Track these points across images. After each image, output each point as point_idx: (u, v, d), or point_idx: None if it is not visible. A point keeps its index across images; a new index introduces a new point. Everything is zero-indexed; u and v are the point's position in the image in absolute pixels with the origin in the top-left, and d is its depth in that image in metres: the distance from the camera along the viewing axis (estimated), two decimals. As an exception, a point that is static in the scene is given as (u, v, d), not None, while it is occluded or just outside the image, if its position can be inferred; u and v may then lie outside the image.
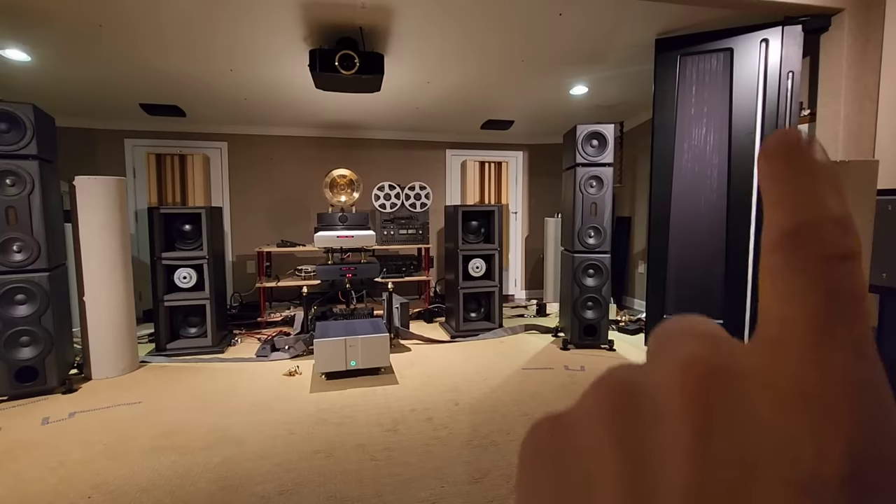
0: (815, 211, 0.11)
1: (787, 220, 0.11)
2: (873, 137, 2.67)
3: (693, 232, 3.23)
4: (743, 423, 0.11)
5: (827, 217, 0.11)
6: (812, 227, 0.11)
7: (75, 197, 3.06)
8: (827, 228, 0.11)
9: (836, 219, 0.11)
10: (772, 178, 0.12)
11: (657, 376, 0.13)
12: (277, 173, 5.25)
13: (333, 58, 3.01)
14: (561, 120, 4.99)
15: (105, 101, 4.22)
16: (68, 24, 2.85)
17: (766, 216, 0.12)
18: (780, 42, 2.88)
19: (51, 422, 2.50)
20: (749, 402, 0.11)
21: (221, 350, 3.70)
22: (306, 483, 1.92)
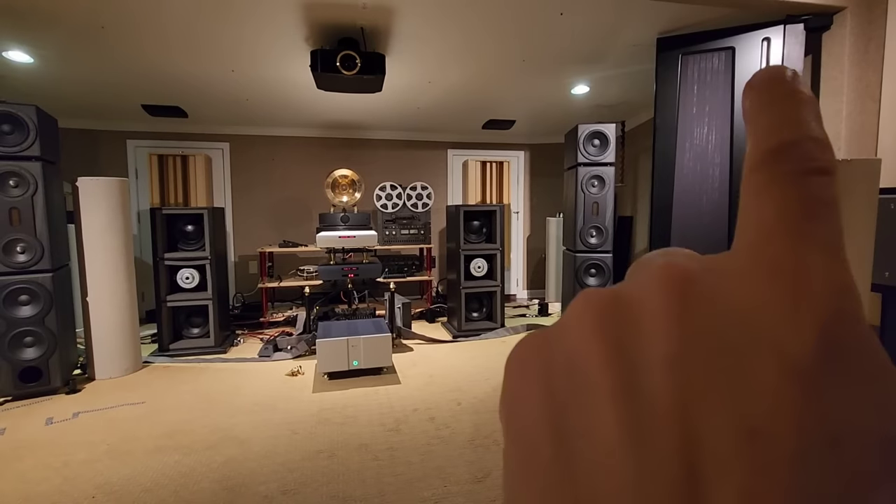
0: (797, 131, 0.12)
1: (771, 139, 0.12)
2: (875, 136, 2.67)
3: (695, 231, 3.22)
4: (720, 312, 0.12)
5: (808, 136, 0.12)
6: (794, 144, 0.12)
7: (78, 198, 3.07)
8: (808, 146, 0.12)
9: (816, 138, 0.12)
10: (757, 105, 0.13)
11: (636, 284, 0.13)
12: (279, 173, 5.26)
13: (335, 58, 3.02)
14: (562, 120, 4.99)
15: (107, 102, 4.24)
16: (71, 25, 2.86)
17: (749, 142, 0.13)
18: (781, 41, 2.87)
19: (55, 422, 2.51)
20: (726, 293, 0.12)
21: (224, 350, 3.70)
22: (309, 483, 1.93)
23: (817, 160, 0.12)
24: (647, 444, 0.11)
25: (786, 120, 0.12)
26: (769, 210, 0.12)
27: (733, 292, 0.12)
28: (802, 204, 0.12)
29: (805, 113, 0.13)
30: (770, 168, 0.12)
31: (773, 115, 0.13)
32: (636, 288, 0.13)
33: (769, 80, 0.13)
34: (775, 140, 0.12)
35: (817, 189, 0.12)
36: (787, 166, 0.12)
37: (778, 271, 0.11)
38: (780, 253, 0.12)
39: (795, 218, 0.12)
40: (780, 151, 0.12)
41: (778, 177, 0.12)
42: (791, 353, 0.11)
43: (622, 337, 0.13)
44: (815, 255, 0.11)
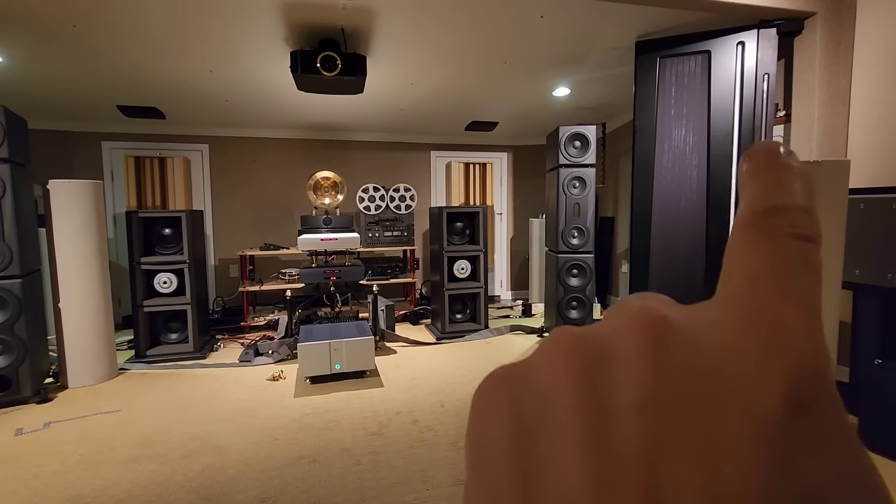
0: (788, 198, 0.13)
1: (764, 202, 0.13)
2: (845, 138, 2.74)
3: (674, 231, 3.27)
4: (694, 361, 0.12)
5: (797, 205, 0.13)
6: (784, 209, 0.13)
7: (49, 201, 2.98)
8: (796, 213, 0.13)
9: (805, 208, 0.13)
10: (752, 171, 0.14)
11: (611, 326, 0.13)
12: (260, 176, 5.19)
13: (315, 59, 2.99)
14: (544, 121, 5.02)
15: (81, 103, 4.13)
16: (41, 23, 2.78)
17: (741, 202, 0.14)
18: (755, 45, 2.94)
19: (24, 432, 2.43)
20: (701, 342, 0.12)
21: (203, 356, 3.64)
22: (290, 489, 1.90)
23: (804, 227, 0.12)
24: (611, 495, 0.11)
25: (779, 187, 0.13)
26: (754, 264, 0.12)
27: (708, 341, 0.12)
28: (787, 263, 0.12)
29: (797, 184, 0.13)
30: (760, 227, 0.13)
31: (767, 182, 0.13)
32: (611, 330, 0.13)
33: (767, 151, 0.14)
34: (767, 203, 0.13)
35: (801, 252, 0.12)
36: (776, 228, 0.12)
37: (754, 324, 0.12)
38: (759, 306, 0.12)
39: (778, 275, 0.12)
40: (771, 214, 0.13)
41: (767, 235, 0.12)
42: (761, 411, 0.11)
43: (593, 380, 0.12)
44: (793, 312, 0.12)
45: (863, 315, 2.44)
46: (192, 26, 2.88)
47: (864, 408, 2.13)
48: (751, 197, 0.13)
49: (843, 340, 2.33)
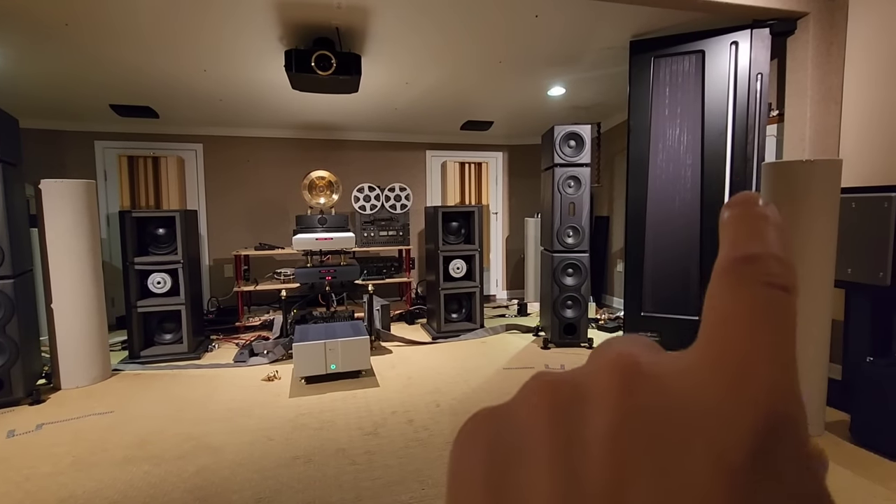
0: (765, 248, 0.13)
1: (740, 250, 0.13)
2: (838, 137, 2.76)
3: (669, 230, 3.29)
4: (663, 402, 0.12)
5: (773, 255, 0.13)
6: (760, 258, 0.13)
7: (41, 201, 2.96)
8: (771, 262, 0.13)
9: (779, 257, 0.13)
10: (731, 221, 0.14)
11: (589, 370, 0.14)
12: (255, 175, 5.17)
13: (310, 58, 2.98)
14: (539, 121, 5.03)
15: (73, 102, 4.10)
16: (32, 22, 2.76)
17: (720, 251, 0.14)
18: (748, 45, 2.95)
19: (17, 434, 2.41)
20: (672, 385, 0.13)
21: (198, 356, 3.62)
22: (285, 490, 1.89)
23: (780, 276, 0.13)
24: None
25: (754, 236, 0.13)
26: (727, 311, 0.13)
27: (679, 385, 0.12)
28: (759, 310, 0.12)
29: (773, 234, 0.14)
30: (735, 275, 0.13)
31: (743, 231, 0.14)
32: (587, 373, 0.14)
33: (745, 202, 0.15)
34: (744, 251, 0.13)
35: (775, 300, 0.12)
36: (751, 276, 0.13)
37: (722, 367, 0.12)
38: (727, 350, 0.12)
39: (750, 321, 0.12)
40: (746, 262, 0.13)
41: (741, 283, 0.13)
42: (724, 453, 0.11)
43: (566, 416, 0.13)
44: (761, 357, 0.12)
45: (855, 313, 2.46)
46: (185, 25, 2.86)
47: (856, 405, 2.15)
48: (728, 245, 0.14)
49: (835, 338, 2.35)
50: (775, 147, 3.16)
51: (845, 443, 2.15)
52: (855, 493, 1.78)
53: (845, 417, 2.31)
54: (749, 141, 3.00)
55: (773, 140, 3.18)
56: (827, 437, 2.20)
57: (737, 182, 3.05)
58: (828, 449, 2.09)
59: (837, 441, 2.17)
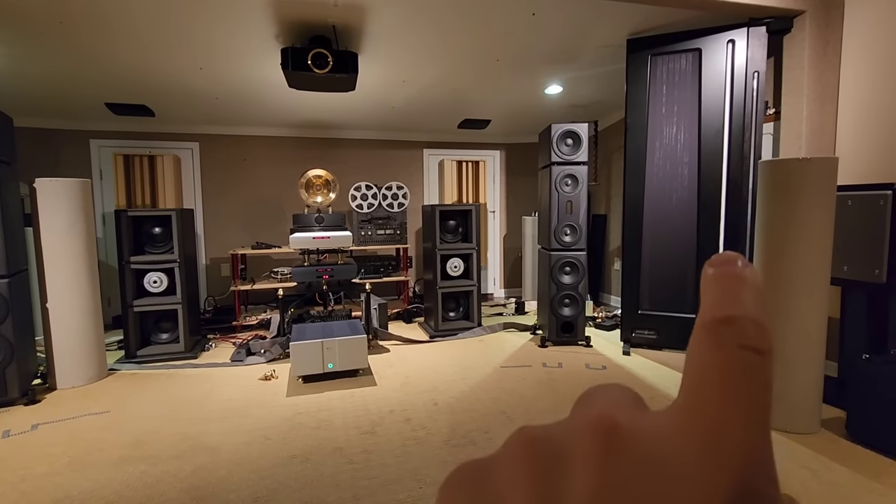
0: (741, 310, 0.14)
1: (719, 311, 0.14)
2: (834, 135, 2.77)
3: (666, 228, 3.29)
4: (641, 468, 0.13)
5: (749, 317, 0.14)
6: (736, 320, 0.13)
7: (36, 200, 2.94)
8: (746, 325, 0.13)
9: (756, 321, 0.14)
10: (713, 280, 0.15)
11: (571, 428, 0.15)
12: (252, 174, 5.15)
13: (306, 56, 2.97)
14: (537, 119, 5.03)
15: (68, 100, 4.07)
16: (26, 20, 2.74)
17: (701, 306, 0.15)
18: (745, 43, 2.95)
19: (12, 434, 2.40)
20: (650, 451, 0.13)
21: (195, 355, 3.61)
22: (282, 489, 1.89)
23: (753, 339, 0.13)
24: None
25: (732, 298, 0.14)
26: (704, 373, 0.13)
27: (657, 449, 0.13)
28: (734, 374, 0.13)
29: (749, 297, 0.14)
30: (714, 336, 0.13)
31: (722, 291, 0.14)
32: (569, 429, 0.15)
33: (725, 261, 0.15)
34: (722, 312, 0.14)
35: (750, 365, 0.13)
36: (727, 338, 0.13)
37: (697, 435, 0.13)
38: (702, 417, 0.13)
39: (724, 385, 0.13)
40: (723, 323, 0.13)
41: (719, 343, 0.13)
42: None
43: (546, 478, 0.14)
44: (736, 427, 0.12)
45: (851, 311, 2.47)
46: (181, 22, 2.85)
47: (852, 402, 2.15)
48: (708, 304, 0.14)
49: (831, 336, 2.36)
50: (772, 145, 3.17)
51: (841, 440, 2.16)
52: (851, 490, 1.79)
53: (841, 414, 2.32)
54: (746, 139, 3.00)
55: (769, 138, 3.18)
56: (823, 434, 2.21)
57: (733, 180, 3.06)
58: (824, 446, 2.10)
59: (833, 438, 2.17)
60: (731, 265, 0.15)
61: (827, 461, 1.98)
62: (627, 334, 3.51)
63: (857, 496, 1.76)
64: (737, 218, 3.07)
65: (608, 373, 3.12)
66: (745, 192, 3.03)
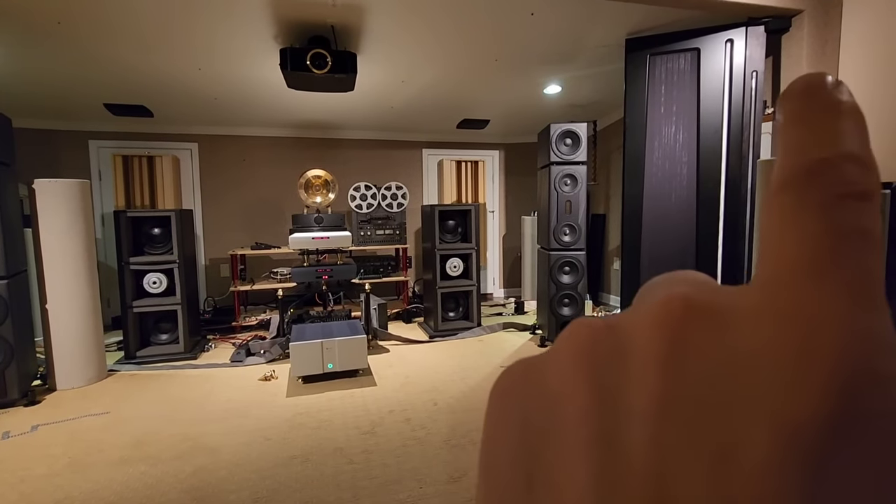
0: (834, 148, 0.11)
1: (803, 156, 0.11)
2: (832, 135, 2.77)
3: (665, 228, 3.30)
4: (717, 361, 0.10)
5: (846, 154, 0.10)
6: (830, 164, 0.10)
7: (35, 201, 2.94)
8: (845, 166, 0.10)
9: (856, 157, 0.10)
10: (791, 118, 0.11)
11: (633, 317, 0.12)
12: (251, 174, 5.15)
13: (305, 57, 2.97)
14: (536, 119, 5.03)
15: (66, 101, 4.07)
16: (24, 20, 2.73)
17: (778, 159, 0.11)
18: (744, 42, 2.96)
19: (12, 436, 2.40)
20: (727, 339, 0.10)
21: (194, 356, 3.60)
22: (282, 489, 1.89)
23: (855, 183, 0.10)
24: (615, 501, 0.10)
25: (822, 134, 0.11)
26: (792, 242, 0.10)
27: (736, 339, 0.10)
28: (831, 237, 0.10)
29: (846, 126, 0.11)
30: (798, 191, 0.10)
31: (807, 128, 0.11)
32: (631, 322, 0.12)
33: (807, 88, 0.11)
34: (807, 157, 0.11)
35: (851, 218, 0.10)
36: (819, 189, 0.10)
37: (789, 318, 0.10)
38: (796, 296, 0.10)
39: (821, 254, 0.10)
40: (812, 171, 0.10)
41: (806, 202, 0.10)
42: (791, 423, 0.09)
43: (605, 381, 0.12)
44: (838, 300, 0.10)
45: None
46: (179, 22, 2.85)
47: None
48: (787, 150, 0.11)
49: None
50: (770, 144, 3.17)
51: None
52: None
53: None
54: (745, 138, 3.01)
55: (768, 138, 3.19)
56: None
57: (732, 179, 3.06)
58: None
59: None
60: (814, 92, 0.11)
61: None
62: (627, 334, 3.51)
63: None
64: (736, 217, 3.08)
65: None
66: (744, 191, 3.03)
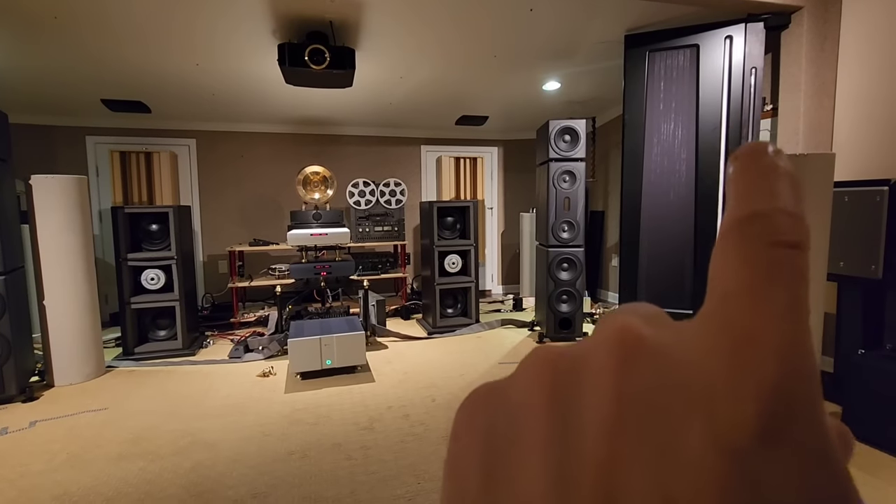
0: (771, 202, 0.12)
1: (744, 208, 0.12)
2: (831, 132, 2.78)
3: (663, 225, 3.30)
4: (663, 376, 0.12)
5: (780, 209, 0.12)
6: (766, 215, 0.12)
7: (32, 197, 2.93)
8: (779, 218, 0.12)
9: (789, 212, 0.12)
10: (738, 174, 0.13)
11: (589, 343, 0.14)
12: (249, 171, 5.14)
13: (303, 52, 2.96)
14: (534, 115, 5.02)
15: (63, 96, 4.05)
16: (20, 15, 2.72)
17: (726, 208, 0.13)
18: (743, 39, 2.95)
19: (10, 432, 2.40)
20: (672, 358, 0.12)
21: (192, 352, 3.60)
22: (281, 485, 1.89)
23: (787, 233, 0.12)
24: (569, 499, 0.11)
25: (761, 190, 0.12)
26: (732, 276, 0.12)
27: (680, 359, 0.12)
28: (765, 272, 0.11)
29: (781, 185, 0.12)
30: (738, 236, 0.12)
31: (750, 185, 0.12)
32: (587, 347, 0.13)
33: (751, 152, 0.13)
34: (748, 209, 0.12)
35: (783, 260, 0.11)
36: (755, 236, 0.12)
37: (724, 339, 0.11)
38: (730, 319, 0.11)
39: (754, 285, 0.11)
40: (751, 220, 0.12)
41: (746, 244, 0.12)
42: (725, 426, 0.10)
43: (563, 393, 0.13)
44: (770, 320, 0.11)
45: (847, 306, 2.48)
46: (177, 18, 2.83)
47: (848, 397, 2.17)
48: (734, 203, 0.13)
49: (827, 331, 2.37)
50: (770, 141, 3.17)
51: (837, 434, 2.17)
52: (846, 484, 1.80)
53: (837, 409, 2.33)
54: (743, 135, 3.01)
55: (766, 134, 3.19)
56: (819, 429, 2.22)
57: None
58: (819, 440, 2.12)
59: (829, 433, 2.19)
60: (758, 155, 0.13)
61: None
62: (625, 330, 3.52)
63: (852, 490, 1.77)
64: (734, 214, 3.08)
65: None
66: (743, 188, 3.03)
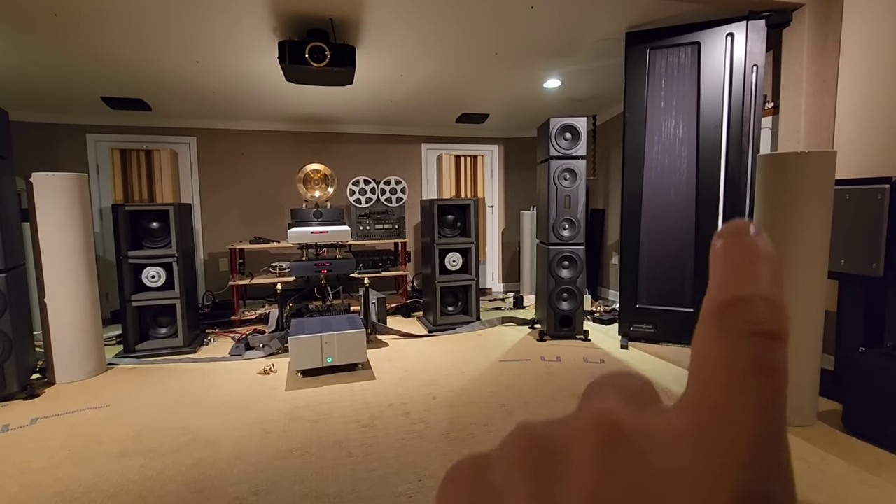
0: (751, 289, 0.12)
1: (725, 292, 0.12)
2: (832, 130, 2.77)
3: (664, 223, 3.30)
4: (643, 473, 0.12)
5: (760, 296, 0.12)
6: (745, 302, 0.12)
7: (33, 194, 2.93)
8: (759, 305, 0.12)
9: (769, 299, 0.12)
10: (720, 254, 0.13)
11: (573, 424, 0.14)
12: (249, 168, 5.13)
13: (303, 50, 2.95)
14: (535, 113, 5.01)
15: (64, 94, 4.05)
16: (19, 12, 2.71)
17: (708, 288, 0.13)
18: (744, 36, 2.95)
19: (11, 429, 2.40)
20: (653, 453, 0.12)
21: (193, 350, 3.61)
22: (281, 482, 1.89)
23: (766, 322, 0.12)
24: None
25: (742, 275, 0.12)
26: (710, 367, 0.12)
27: (659, 450, 0.12)
28: (743, 367, 0.11)
29: (762, 270, 0.12)
30: (718, 322, 0.12)
31: (730, 267, 0.13)
32: (570, 432, 0.14)
33: (735, 232, 0.13)
34: (728, 294, 0.12)
35: (761, 353, 0.11)
36: (735, 324, 0.12)
37: (703, 438, 0.11)
38: (709, 419, 0.11)
39: (732, 382, 0.11)
40: (732, 307, 0.12)
41: (724, 333, 0.12)
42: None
43: (544, 479, 0.13)
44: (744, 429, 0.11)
45: (847, 304, 2.48)
46: (177, 15, 2.83)
47: (848, 395, 2.17)
48: (714, 284, 0.13)
49: (828, 329, 2.37)
50: (770, 139, 3.17)
51: (837, 432, 2.17)
52: (847, 482, 1.80)
53: (838, 407, 2.33)
54: (744, 133, 3.00)
55: (768, 132, 3.18)
56: (819, 427, 2.22)
57: (732, 174, 3.06)
58: (820, 438, 2.12)
59: (830, 431, 2.19)
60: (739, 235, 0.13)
61: (823, 453, 1.99)
62: (625, 328, 3.52)
63: (853, 488, 1.77)
64: (735, 212, 3.08)
65: (606, 367, 3.13)
66: (744, 186, 3.03)
